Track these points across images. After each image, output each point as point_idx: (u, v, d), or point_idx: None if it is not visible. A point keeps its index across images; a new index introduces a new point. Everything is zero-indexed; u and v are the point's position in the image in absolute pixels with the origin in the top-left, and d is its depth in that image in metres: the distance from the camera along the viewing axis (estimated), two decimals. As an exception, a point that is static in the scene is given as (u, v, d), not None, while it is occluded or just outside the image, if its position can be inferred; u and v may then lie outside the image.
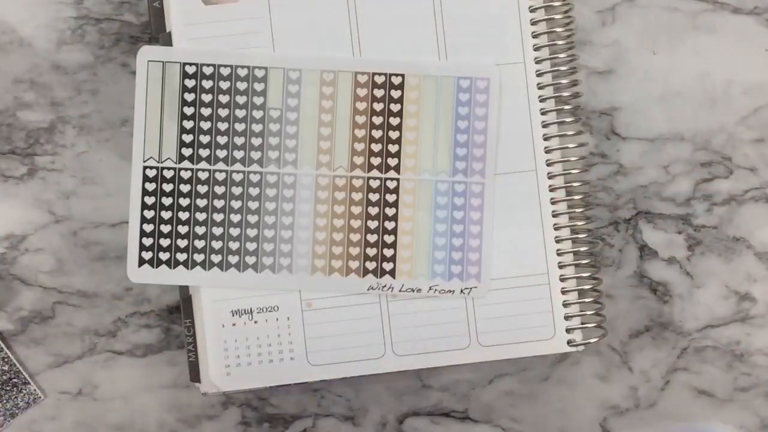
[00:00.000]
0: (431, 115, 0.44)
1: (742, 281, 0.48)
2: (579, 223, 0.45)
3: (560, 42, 0.45)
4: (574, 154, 0.46)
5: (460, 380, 0.47)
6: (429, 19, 0.45)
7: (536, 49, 0.45)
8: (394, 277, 0.44)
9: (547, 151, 0.45)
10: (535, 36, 0.45)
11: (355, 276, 0.44)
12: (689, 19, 0.48)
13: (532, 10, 0.45)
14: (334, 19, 0.45)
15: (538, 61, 0.45)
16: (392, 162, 0.44)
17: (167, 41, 0.44)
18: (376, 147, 0.44)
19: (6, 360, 0.45)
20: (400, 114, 0.44)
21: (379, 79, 0.44)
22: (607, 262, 0.47)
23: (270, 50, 0.44)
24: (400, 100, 0.44)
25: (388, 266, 0.44)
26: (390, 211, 0.44)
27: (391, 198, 0.44)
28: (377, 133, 0.44)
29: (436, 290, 0.44)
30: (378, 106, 0.44)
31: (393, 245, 0.44)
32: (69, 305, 0.46)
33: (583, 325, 0.45)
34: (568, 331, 0.45)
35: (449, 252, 0.44)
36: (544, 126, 0.45)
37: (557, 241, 0.45)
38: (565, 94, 0.45)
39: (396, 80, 0.44)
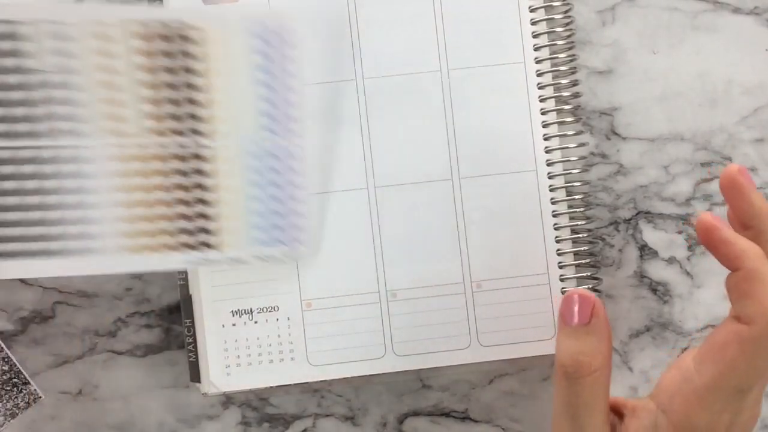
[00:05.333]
0: (236, 73, 0.41)
1: (742, 281, 0.48)
2: (579, 223, 0.45)
3: (560, 42, 0.45)
4: (574, 154, 0.46)
5: (460, 380, 0.47)
6: (429, 19, 0.45)
7: (536, 49, 0.45)
8: (213, 248, 0.41)
9: (547, 151, 0.45)
10: (535, 36, 0.45)
11: (175, 253, 0.41)
12: (689, 19, 0.48)
13: (532, 10, 0.45)
14: (334, 20, 0.45)
15: (538, 61, 0.45)
16: (203, 127, 0.41)
17: (167, 41, 0.44)
18: (181, 110, 0.40)
19: (6, 360, 0.45)
20: (200, 72, 0.41)
21: (168, 31, 0.40)
22: (607, 262, 0.47)
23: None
24: (200, 56, 0.40)
25: (206, 238, 0.41)
26: (204, 180, 0.41)
27: (205, 166, 0.41)
28: (176, 94, 0.40)
29: (259, 258, 0.42)
30: (171, 63, 0.40)
31: (210, 215, 0.41)
32: (69, 305, 0.46)
33: (583, 325, 0.45)
34: (568, 331, 0.45)
35: (269, 217, 0.42)
36: (544, 126, 0.45)
37: (557, 241, 0.45)
38: (565, 94, 0.45)
39: (195, 34, 0.40)
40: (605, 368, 0.37)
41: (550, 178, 0.45)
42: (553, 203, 0.45)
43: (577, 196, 0.45)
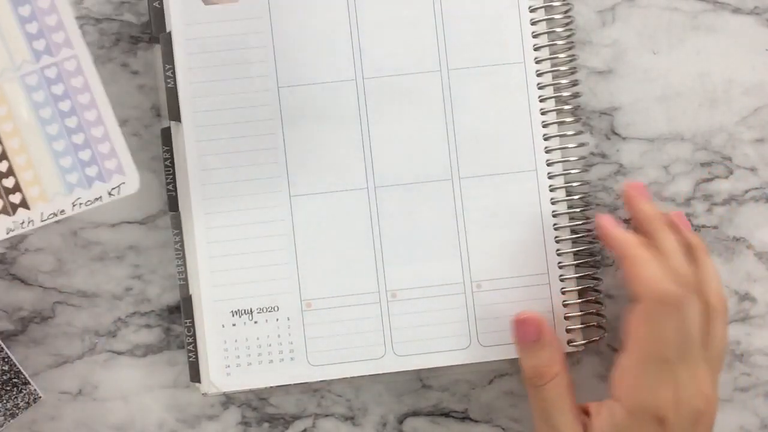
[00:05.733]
0: None
1: (742, 281, 0.48)
2: (579, 223, 0.45)
3: (560, 42, 0.45)
4: (574, 154, 0.46)
5: (460, 380, 0.47)
6: (429, 19, 0.45)
7: (536, 49, 0.45)
8: (28, 208, 0.37)
9: (547, 151, 0.45)
10: (535, 36, 0.45)
11: None
12: (689, 19, 0.48)
13: (532, 10, 0.45)
14: (334, 20, 0.45)
15: (538, 61, 0.45)
16: None
17: (167, 41, 0.44)
18: None
19: (6, 360, 0.45)
20: None
21: None
22: (607, 262, 0.47)
23: (269, 49, 0.45)
24: None
25: (16, 198, 0.37)
26: None
27: None
28: None
29: (80, 204, 0.38)
30: None
31: (11, 172, 0.37)
32: (69, 305, 0.46)
33: (583, 325, 0.45)
34: (568, 331, 0.45)
35: (75, 154, 0.37)
36: (544, 126, 0.45)
37: (557, 241, 0.45)
38: (565, 94, 0.45)
39: None
40: (563, 372, 0.42)
41: (550, 178, 0.45)
42: (553, 203, 0.45)
43: (576, 196, 0.45)
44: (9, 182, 0.36)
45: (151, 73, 0.46)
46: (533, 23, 0.45)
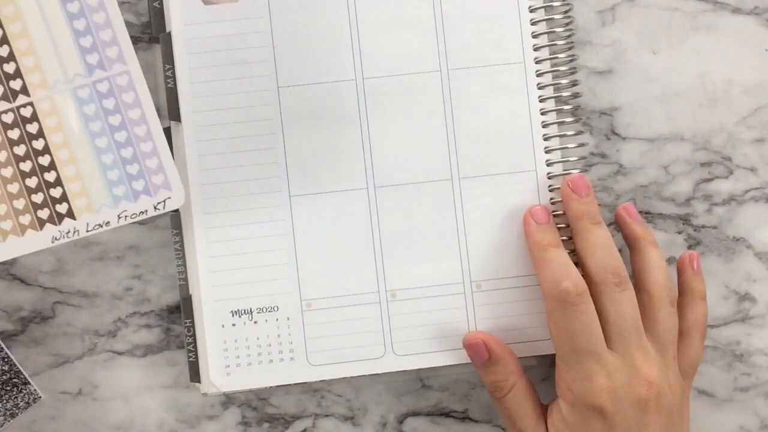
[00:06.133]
0: (34, 11, 0.36)
1: (742, 281, 0.48)
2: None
3: (560, 42, 0.45)
4: (574, 154, 0.46)
5: (460, 380, 0.47)
6: (429, 19, 0.45)
7: (536, 49, 0.45)
8: (74, 218, 0.38)
9: (547, 151, 0.45)
10: (535, 36, 0.45)
11: (32, 232, 0.38)
12: (689, 19, 0.47)
13: (532, 10, 0.45)
14: (334, 20, 0.45)
15: (538, 61, 0.45)
16: (15, 84, 0.37)
17: (167, 41, 0.44)
18: None
19: (6, 360, 0.45)
20: None
21: None
22: (607, 262, 0.47)
23: (269, 49, 0.45)
24: None
25: (62, 208, 0.38)
26: (38, 144, 0.37)
27: (32, 128, 0.37)
28: None
29: (126, 217, 0.39)
30: None
31: (58, 182, 0.38)
32: (69, 305, 0.46)
33: (583, 325, 0.45)
34: (568, 331, 0.45)
35: (123, 168, 0.38)
36: (544, 126, 0.45)
37: (557, 241, 0.45)
38: (565, 94, 0.45)
39: None
40: (519, 380, 0.44)
41: (550, 178, 0.45)
42: (552, 203, 0.45)
43: (577, 196, 0.45)
44: (56, 192, 0.37)
45: (151, 73, 0.46)
46: (533, 23, 0.45)
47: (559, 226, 0.45)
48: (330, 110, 0.45)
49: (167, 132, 0.45)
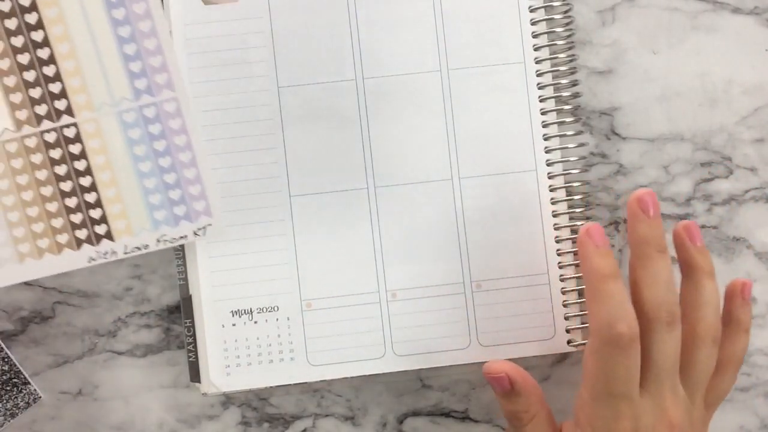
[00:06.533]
0: (83, 32, 0.36)
1: (742, 281, 0.48)
2: (579, 223, 0.45)
3: (560, 42, 0.45)
4: (574, 154, 0.46)
5: (460, 380, 0.47)
6: (429, 19, 0.45)
7: (536, 49, 0.45)
8: (113, 239, 0.39)
9: (547, 151, 0.45)
10: (535, 36, 0.45)
11: (69, 251, 0.39)
12: (689, 19, 0.48)
13: (532, 10, 0.45)
14: (334, 19, 0.45)
15: (538, 61, 0.45)
16: (60, 105, 0.37)
17: (167, 41, 0.44)
18: (34, 92, 0.36)
19: (6, 360, 0.45)
20: (47, 43, 0.36)
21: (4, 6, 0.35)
22: (607, 262, 0.47)
23: (269, 49, 0.45)
24: (39, 25, 0.36)
25: (101, 229, 0.38)
26: (80, 165, 0.37)
27: (75, 148, 0.37)
28: (30, 75, 0.36)
29: (165, 241, 0.39)
30: (17, 41, 0.35)
31: (98, 203, 0.38)
32: (69, 305, 0.46)
33: (583, 325, 0.45)
34: (567, 331, 0.45)
35: (165, 193, 0.39)
36: (544, 126, 0.45)
37: (557, 241, 0.45)
38: (565, 94, 0.45)
39: (24, 2, 0.35)
40: (540, 411, 0.42)
41: (550, 178, 0.45)
42: (553, 203, 0.45)
43: (576, 196, 0.45)
44: (96, 213, 0.37)
45: (151, 73, 0.46)
46: (533, 23, 0.45)
47: (564, 214, 0.45)
48: (330, 110, 0.45)
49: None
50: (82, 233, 0.37)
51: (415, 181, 0.45)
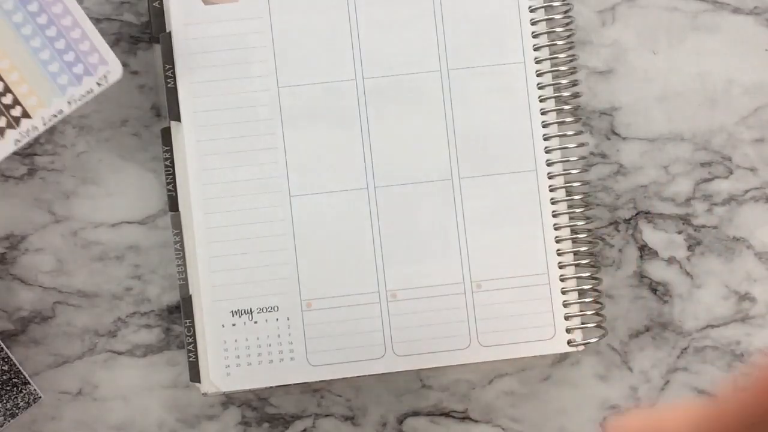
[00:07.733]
0: None
1: (742, 281, 0.48)
2: (579, 223, 0.45)
3: (560, 42, 0.45)
4: (574, 154, 0.46)
5: (460, 380, 0.47)
6: (429, 19, 0.45)
7: (536, 49, 0.45)
8: (30, 117, 0.40)
9: (547, 151, 0.45)
10: (535, 36, 0.45)
11: None
12: (689, 19, 0.48)
13: (532, 10, 0.45)
14: (334, 19, 0.45)
15: (538, 61, 0.45)
16: None
17: (167, 41, 0.44)
18: None
19: (6, 360, 0.45)
20: None
21: None
22: (607, 262, 0.47)
23: (269, 49, 0.45)
24: None
25: (17, 111, 0.40)
26: None
27: None
28: None
29: (75, 101, 0.41)
30: None
31: (8, 89, 0.40)
32: (69, 305, 0.46)
33: (583, 325, 0.45)
34: (568, 331, 0.45)
35: (60, 58, 0.41)
36: (544, 126, 0.45)
37: (557, 241, 0.45)
38: (565, 94, 0.45)
39: None
40: None
41: (550, 178, 0.45)
42: (553, 203, 0.45)
43: (576, 196, 0.45)
44: (7, 99, 0.40)
45: (151, 73, 0.46)
46: (533, 23, 0.45)
47: (564, 214, 0.45)
48: (330, 110, 0.45)
49: (167, 132, 0.45)
50: (2, 122, 0.40)
51: (415, 181, 0.45)
